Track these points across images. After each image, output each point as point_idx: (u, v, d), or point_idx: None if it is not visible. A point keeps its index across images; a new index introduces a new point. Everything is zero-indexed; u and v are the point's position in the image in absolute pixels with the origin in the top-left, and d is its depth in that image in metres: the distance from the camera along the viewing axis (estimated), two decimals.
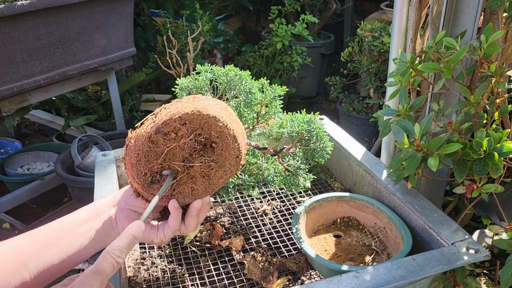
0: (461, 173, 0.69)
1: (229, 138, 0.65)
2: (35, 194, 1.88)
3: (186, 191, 0.67)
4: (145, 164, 0.63)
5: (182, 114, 0.62)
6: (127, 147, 0.66)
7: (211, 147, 0.66)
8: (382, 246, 0.84)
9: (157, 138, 0.62)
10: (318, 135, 0.81)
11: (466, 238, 0.72)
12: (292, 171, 0.83)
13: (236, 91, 0.81)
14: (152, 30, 2.61)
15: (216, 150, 0.66)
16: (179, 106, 0.63)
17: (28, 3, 1.41)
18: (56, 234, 0.64)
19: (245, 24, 3.44)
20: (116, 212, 0.69)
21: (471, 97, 0.72)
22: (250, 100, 0.81)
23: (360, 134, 2.30)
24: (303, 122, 0.81)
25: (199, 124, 0.63)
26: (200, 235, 0.90)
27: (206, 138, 0.65)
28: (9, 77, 1.48)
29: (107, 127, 2.34)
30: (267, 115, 0.85)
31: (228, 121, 0.65)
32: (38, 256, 0.61)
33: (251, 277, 0.78)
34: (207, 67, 0.83)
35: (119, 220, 0.69)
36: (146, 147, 0.62)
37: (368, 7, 3.36)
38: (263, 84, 0.83)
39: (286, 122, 0.83)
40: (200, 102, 0.65)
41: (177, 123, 0.62)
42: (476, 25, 0.80)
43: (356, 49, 2.15)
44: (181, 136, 0.63)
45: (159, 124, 0.62)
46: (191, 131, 0.63)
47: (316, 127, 0.81)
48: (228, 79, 0.80)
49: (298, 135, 0.81)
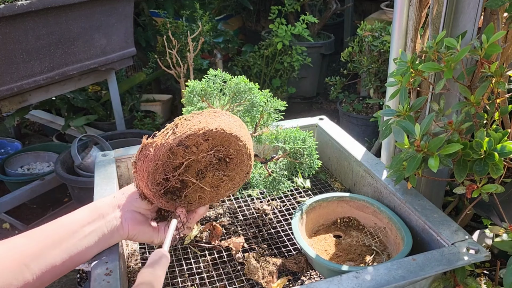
0: (461, 173, 0.69)
1: (245, 156, 0.68)
2: (35, 194, 1.88)
3: (194, 199, 0.69)
4: (161, 174, 0.64)
5: (206, 130, 0.63)
6: (142, 153, 0.66)
7: (225, 161, 0.68)
8: (382, 246, 0.84)
9: (178, 150, 0.63)
10: (310, 153, 0.85)
11: (466, 239, 0.71)
12: (275, 177, 0.87)
13: (242, 101, 0.83)
14: (152, 30, 2.61)
15: (230, 165, 0.68)
16: (202, 121, 0.64)
17: (28, 3, 1.41)
18: (59, 234, 0.64)
19: (245, 24, 3.44)
20: (121, 214, 0.69)
21: (471, 97, 0.72)
22: (254, 111, 0.84)
23: (360, 134, 2.30)
24: (299, 139, 0.84)
25: (220, 141, 0.65)
26: (200, 235, 0.90)
27: (224, 154, 0.66)
28: (9, 77, 1.48)
29: (107, 127, 2.34)
30: (265, 125, 0.88)
31: (246, 140, 0.67)
32: (40, 257, 0.61)
33: (251, 277, 0.78)
34: (219, 72, 0.85)
35: (125, 221, 0.69)
36: (166, 157, 0.63)
37: (368, 7, 3.36)
38: (266, 96, 0.86)
39: (281, 135, 0.85)
40: (222, 119, 0.66)
41: (200, 138, 0.63)
42: (476, 25, 0.80)
43: (356, 49, 2.15)
44: (201, 151, 0.64)
45: (182, 137, 0.62)
46: (212, 147, 0.65)
47: (310, 146, 0.85)
48: (237, 89, 0.82)
49: (292, 151, 0.84)
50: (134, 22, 2.20)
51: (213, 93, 0.83)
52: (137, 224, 0.70)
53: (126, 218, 0.69)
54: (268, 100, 0.86)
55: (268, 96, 0.86)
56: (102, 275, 0.67)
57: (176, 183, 0.66)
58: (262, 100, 0.84)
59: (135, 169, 0.67)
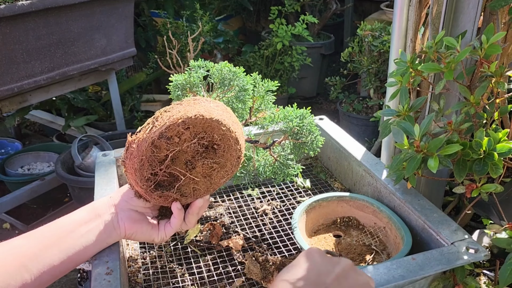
0: (461, 173, 0.70)
1: (231, 140, 0.66)
2: (35, 194, 1.88)
3: (188, 192, 0.68)
4: (148, 169, 0.63)
5: (185, 118, 0.61)
6: (128, 151, 0.65)
7: (213, 149, 0.66)
8: (382, 246, 0.84)
9: (160, 143, 0.61)
10: (310, 130, 0.81)
11: (465, 238, 0.72)
12: (282, 162, 0.83)
13: (229, 87, 0.80)
14: (153, 30, 2.61)
15: (218, 151, 0.66)
16: (181, 110, 0.63)
17: (29, 4, 1.41)
18: (56, 235, 0.64)
19: (245, 24, 3.44)
20: (117, 213, 0.69)
21: (471, 97, 0.73)
22: (244, 96, 0.81)
23: (360, 134, 2.30)
24: (296, 117, 0.80)
25: (202, 127, 0.63)
26: (200, 235, 0.90)
27: (209, 141, 0.64)
28: (9, 77, 1.48)
29: (108, 127, 2.34)
30: (259, 109, 0.84)
31: (230, 123, 0.65)
32: (38, 258, 0.61)
33: (251, 276, 0.79)
34: (200, 63, 0.82)
35: (121, 220, 0.69)
36: (150, 152, 0.62)
37: (368, 7, 3.36)
38: (255, 79, 0.82)
39: (278, 117, 0.82)
40: (202, 105, 0.64)
41: (180, 128, 0.61)
42: (476, 25, 0.81)
43: (356, 50, 2.15)
44: (184, 140, 0.63)
45: (162, 129, 0.61)
46: (194, 135, 0.63)
47: (308, 122, 0.81)
48: (222, 75, 0.79)
49: (290, 130, 0.81)
50: (134, 22, 2.20)
51: (197, 84, 0.80)
52: (134, 222, 0.70)
53: (122, 217, 0.69)
54: (257, 83, 0.82)
55: (257, 79, 0.83)
56: (102, 274, 0.67)
57: (165, 176, 0.65)
58: (250, 83, 0.81)
59: (125, 168, 0.67)
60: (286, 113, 0.82)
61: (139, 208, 0.71)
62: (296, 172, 0.84)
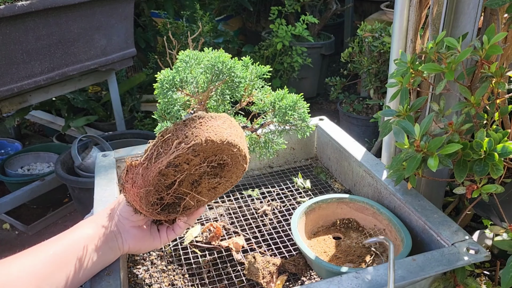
0: (461, 173, 0.69)
1: (240, 158, 0.64)
2: (35, 194, 1.88)
3: (192, 205, 0.67)
4: (154, 195, 0.61)
5: (195, 145, 0.58)
6: (129, 176, 0.62)
7: (220, 166, 0.64)
8: (382, 248, 0.84)
9: (168, 171, 0.59)
10: (302, 117, 0.78)
11: (466, 239, 0.71)
12: (265, 139, 0.81)
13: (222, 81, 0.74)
14: (152, 30, 2.61)
15: (225, 168, 0.65)
16: (188, 134, 0.59)
17: (29, 4, 1.41)
18: (67, 255, 0.63)
19: (245, 24, 3.44)
20: (120, 233, 0.69)
21: (471, 97, 0.72)
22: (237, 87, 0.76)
23: (360, 134, 2.30)
24: (289, 107, 0.77)
25: (212, 152, 0.61)
26: (200, 236, 0.90)
27: (218, 162, 0.63)
28: (9, 77, 1.48)
29: (108, 127, 2.34)
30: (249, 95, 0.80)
31: (239, 140, 0.62)
32: (51, 279, 0.61)
33: (251, 277, 0.78)
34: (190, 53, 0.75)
35: (125, 241, 0.69)
36: (156, 180, 0.59)
37: (368, 7, 3.36)
38: (246, 64, 0.78)
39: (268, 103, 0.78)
40: (209, 125, 0.61)
41: (190, 155, 0.58)
42: (476, 25, 0.80)
43: (356, 50, 2.15)
44: (193, 165, 0.60)
45: (170, 158, 0.58)
46: (204, 160, 0.61)
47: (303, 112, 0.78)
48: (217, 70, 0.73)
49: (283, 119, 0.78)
50: (134, 22, 2.20)
51: (188, 80, 0.73)
52: (138, 241, 0.70)
53: (126, 238, 0.69)
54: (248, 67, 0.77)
55: (248, 63, 0.77)
56: (102, 275, 0.67)
57: (171, 199, 0.63)
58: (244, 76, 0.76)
59: (124, 191, 0.64)
60: (277, 100, 0.77)
61: (141, 222, 0.71)
62: (281, 147, 0.81)
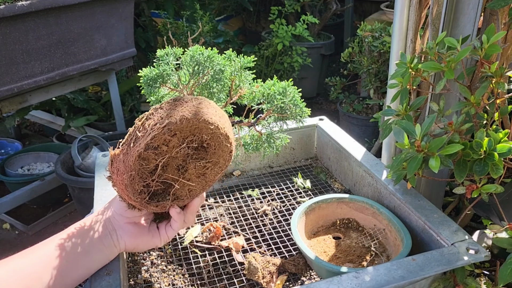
0: (461, 173, 0.69)
1: (222, 137, 0.63)
2: (35, 194, 1.88)
3: (184, 194, 0.66)
4: (139, 182, 0.60)
5: (170, 124, 0.57)
6: (113, 166, 0.61)
7: (203, 148, 0.63)
8: (382, 248, 0.84)
9: (148, 154, 0.58)
10: (294, 102, 0.77)
11: (466, 239, 0.72)
12: (268, 135, 0.80)
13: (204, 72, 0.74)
14: (153, 30, 2.61)
15: (209, 150, 0.64)
16: (163, 115, 0.59)
17: (29, 4, 1.41)
18: (58, 255, 0.63)
19: (245, 24, 3.44)
20: (115, 230, 0.68)
21: (471, 97, 0.72)
22: (221, 77, 0.75)
23: (360, 134, 2.30)
24: (279, 93, 0.76)
25: (189, 131, 0.60)
26: (200, 236, 0.90)
27: (198, 142, 0.62)
28: (9, 77, 1.48)
29: (108, 127, 2.34)
30: (238, 88, 0.80)
31: (217, 119, 0.62)
32: (42, 279, 0.60)
33: (251, 277, 0.78)
34: (168, 50, 0.75)
35: (121, 238, 0.68)
36: (138, 165, 0.58)
37: (368, 7, 3.36)
38: (229, 56, 0.77)
39: (258, 94, 0.78)
40: (184, 106, 0.60)
41: (166, 135, 0.58)
42: (476, 25, 0.81)
43: (356, 50, 2.15)
44: (173, 147, 0.59)
45: (147, 140, 0.57)
46: (183, 140, 0.60)
47: (292, 93, 0.77)
48: (195, 62, 0.73)
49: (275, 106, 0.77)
50: (134, 22, 2.19)
51: (169, 74, 0.73)
52: (134, 237, 0.69)
53: (121, 234, 0.68)
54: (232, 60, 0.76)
55: (231, 56, 0.77)
56: (102, 275, 0.67)
57: (158, 185, 0.62)
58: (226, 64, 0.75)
59: (113, 183, 0.63)
60: (266, 89, 0.77)
61: (136, 218, 0.70)
62: (284, 142, 0.81)
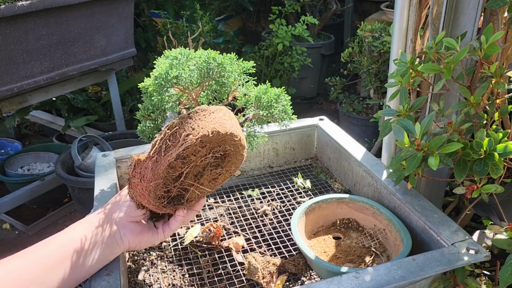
0: (461, 173, 0.69)
1: (241, 147, 0.68)
2: (35, 194, 1.88)
3: (194, 196, 0.69)
4: (162, 188, 0.63)
5: (203, 137, 0.61)
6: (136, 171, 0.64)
7: (222, 157, 0.67)
8: (382, 248, 0.84)
9: (176, 163, 0.62)
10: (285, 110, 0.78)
11: (466, 239, 0.71)
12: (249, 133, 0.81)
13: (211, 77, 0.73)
14: (152, 30, 2.61)
15: (227, 159, 0.68)
16: (195, 126, 0.62)
17: (29, 4, 1.41)
18: (58, 256, 0.62)
19: (245, 24, 3.44)
20: (118, 229, 0.68)
21: (471, 97, 0.72)
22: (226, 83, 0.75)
23: (360, 134, 2.30)
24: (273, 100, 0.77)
25: (217, 143, 0.64)
26: (200, 236, 0.90)
27: (221, 153, 0.66)
28: (9, 77, 1.48)
29: (108, 127, 2.34)
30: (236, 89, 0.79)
31: (239, 131, 0.66)
32: (40, 279, 0.60)
33: (251, 277, 0.78)
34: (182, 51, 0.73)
35: (124, 236, 0.68)
36: (165, 173, 0.62)
37: (368, 7, 3.36)
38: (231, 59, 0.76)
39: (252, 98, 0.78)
40: (212, 118, 0.64)
41: (197, 147, 0.62)
42: (476, 25, 0.80)
43: (356, 50, 2.15)
44: (199, 157, 0.63)
45: (179, 150, 0.61)
46: (210, 150, 0.64)
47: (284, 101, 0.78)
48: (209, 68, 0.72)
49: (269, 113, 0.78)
50: (134, 22, 2.20)
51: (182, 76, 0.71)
52: (137, 236, 0.70)
53: (124, 233, 0.68)
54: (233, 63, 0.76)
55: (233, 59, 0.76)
56: (102, 275, 0.67)
57: (178, 191, 0.66)
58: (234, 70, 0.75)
59: (131, 187, 0.66)
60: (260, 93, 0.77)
61: (139, 217, 0.71)
62: (262, 140, 0.81)
